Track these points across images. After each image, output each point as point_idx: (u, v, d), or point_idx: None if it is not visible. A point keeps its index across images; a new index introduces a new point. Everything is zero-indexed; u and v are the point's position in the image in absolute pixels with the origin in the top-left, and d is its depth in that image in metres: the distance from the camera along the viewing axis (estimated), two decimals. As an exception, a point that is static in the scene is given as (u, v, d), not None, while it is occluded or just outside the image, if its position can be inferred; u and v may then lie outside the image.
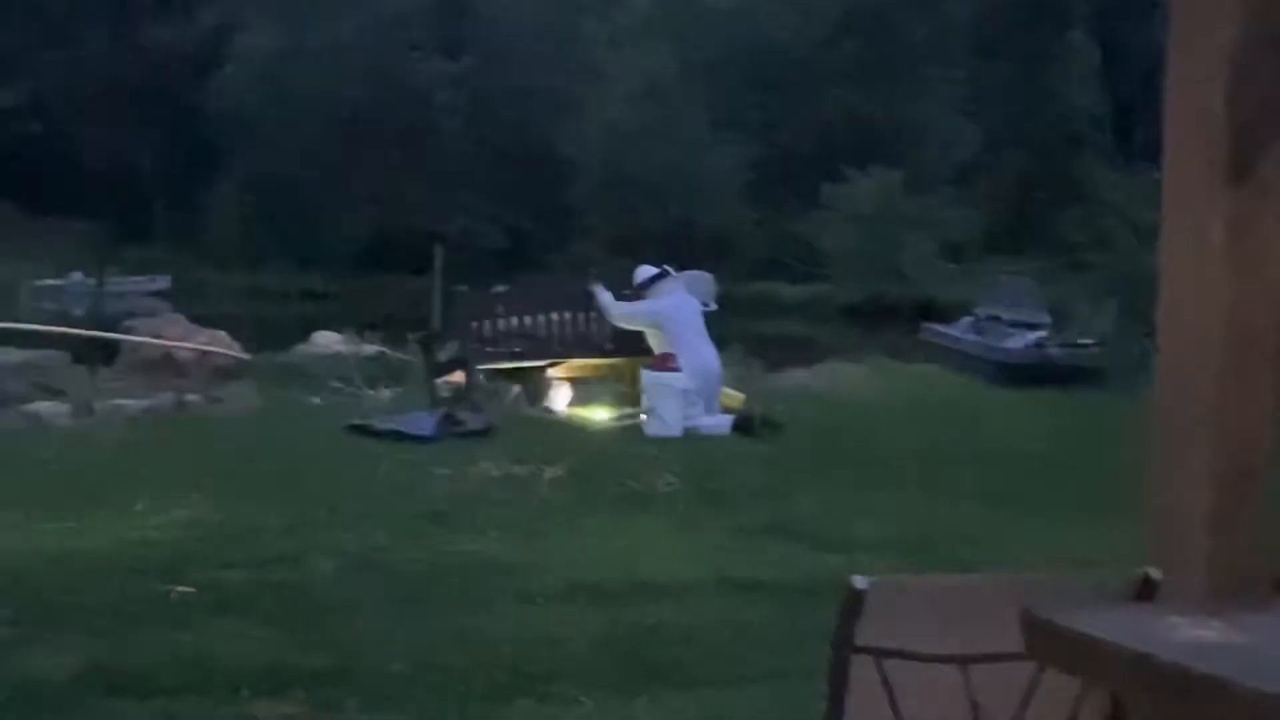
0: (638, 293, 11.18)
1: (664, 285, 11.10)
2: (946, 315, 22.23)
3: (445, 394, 11.15)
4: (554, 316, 11.42)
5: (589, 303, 11.42)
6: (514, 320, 11.36)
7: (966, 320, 19.11)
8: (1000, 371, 15.86)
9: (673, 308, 10.88)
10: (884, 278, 37.09)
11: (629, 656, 5.05)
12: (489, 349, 11.14)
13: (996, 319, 17.89)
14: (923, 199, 38.83)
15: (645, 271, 11.36)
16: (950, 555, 6.35)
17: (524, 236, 42.73)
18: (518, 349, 11.26)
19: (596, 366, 11.56)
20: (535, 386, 11.29)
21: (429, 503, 7.51)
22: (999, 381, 15.23)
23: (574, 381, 11.54)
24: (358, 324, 16.18)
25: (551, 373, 11.38)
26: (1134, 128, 40.86)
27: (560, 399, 11.22)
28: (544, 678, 4.82)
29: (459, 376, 11.07)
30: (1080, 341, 16.64)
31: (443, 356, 11.60)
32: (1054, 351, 16.17)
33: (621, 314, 11.10)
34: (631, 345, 11.18)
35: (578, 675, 4.86)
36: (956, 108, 44.89)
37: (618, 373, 11.40)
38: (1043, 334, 16.85)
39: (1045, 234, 38.61)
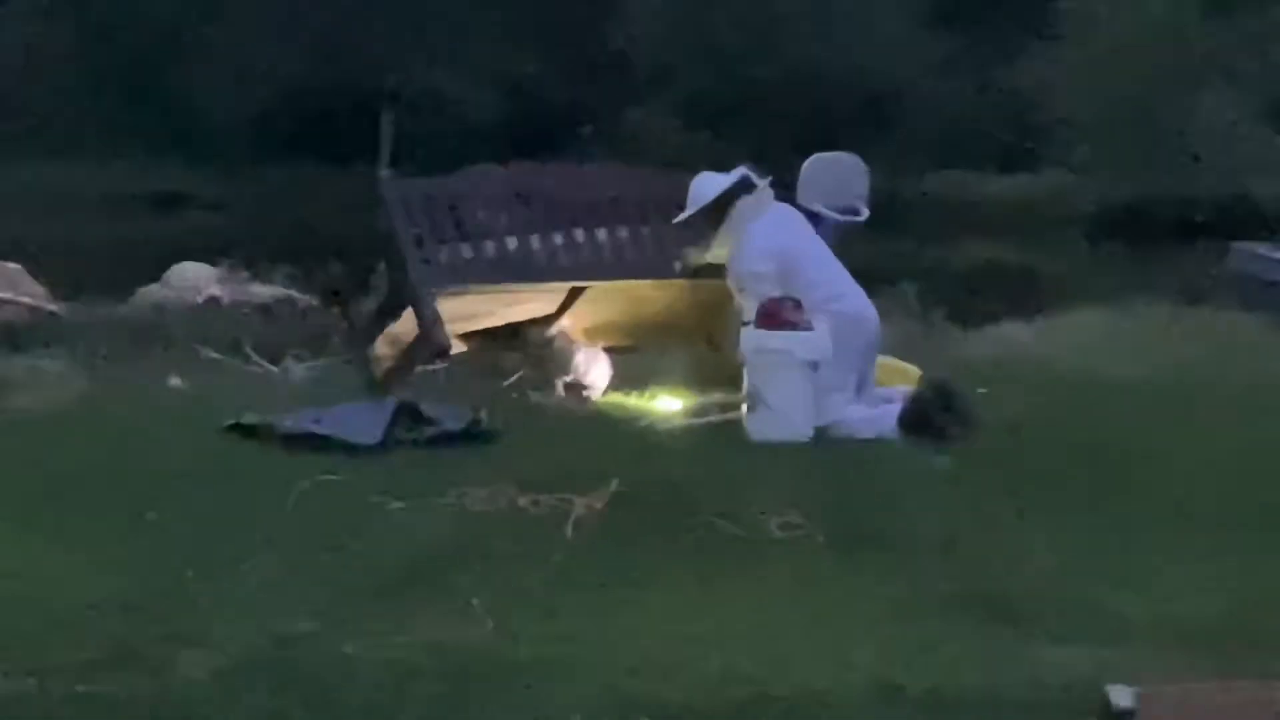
0: (702, 222, 10.91)
1: (746, 207, 10.85)
2: (1275, 228, 22.09)
3: (384, 367, 11.08)
4: (559, 235, 11.21)
5: (636, 211, 11.39)
6: (486, 235, 11.12)
7: (1310, 239, 19.01)
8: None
9: (785, 241, 10.79)
10: (1163, 164, 36.89)
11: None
12: (448, 275, 10.88)
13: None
14: (1231, 21, 38.53)
15: (709, 185, 11.01)
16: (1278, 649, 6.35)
17: (537, 100, 42.81)
18: (500, 271, 11.06)
19: (654, 311, 11.41)
20: (547, 355, 11.22)
21: (378, 558, 7.57)
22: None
23: (617, 350, 11.46)
24: (248, 250, 16.27)
25: (571, 331, 11.23)
26: None
27: (596, 377, 11.21)
28: None
29: (406, 328, 10.83)
30: None
31: (374, 301, 11.64)
32: None
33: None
34: (717, 270, 10.99)
35: None
36: None
37: (690, 326, 11.34)
38: None
39: None
